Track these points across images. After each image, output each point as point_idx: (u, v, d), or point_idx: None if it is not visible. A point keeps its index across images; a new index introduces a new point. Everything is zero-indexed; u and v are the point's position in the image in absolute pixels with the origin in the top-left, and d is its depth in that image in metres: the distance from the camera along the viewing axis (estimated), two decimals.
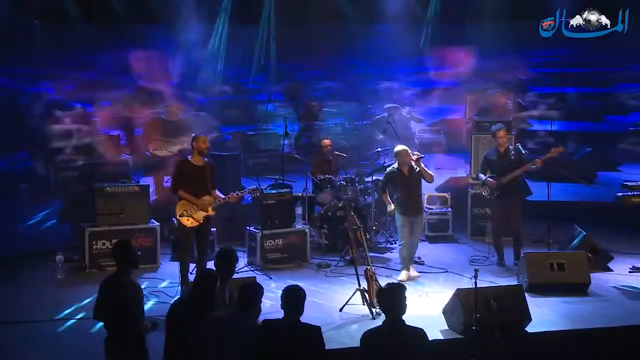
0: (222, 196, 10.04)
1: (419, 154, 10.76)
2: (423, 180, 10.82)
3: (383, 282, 9.73)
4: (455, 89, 17.37)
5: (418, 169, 10.67)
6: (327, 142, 13.07)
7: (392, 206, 10.78)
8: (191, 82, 16.32)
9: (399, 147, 10.81)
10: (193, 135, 10.34)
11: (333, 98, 18.06)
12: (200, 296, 6.57)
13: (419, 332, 6.20)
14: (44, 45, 14.28)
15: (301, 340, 6.10)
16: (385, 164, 12.54)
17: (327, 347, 6.33)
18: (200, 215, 9.89)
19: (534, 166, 11.02)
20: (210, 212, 9.96)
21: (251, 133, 16.97)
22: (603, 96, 18.86)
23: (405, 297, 6.25)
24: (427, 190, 13.29)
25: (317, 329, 6.22)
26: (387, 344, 6.07)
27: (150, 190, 12.22)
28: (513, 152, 11.24)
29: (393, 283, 6.46)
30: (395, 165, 10.83)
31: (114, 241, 10.84)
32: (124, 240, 7.35)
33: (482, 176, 11.33)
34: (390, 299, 6.23)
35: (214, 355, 6.20)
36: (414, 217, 10.76)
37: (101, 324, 6.98)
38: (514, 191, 11.19)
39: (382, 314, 8.77)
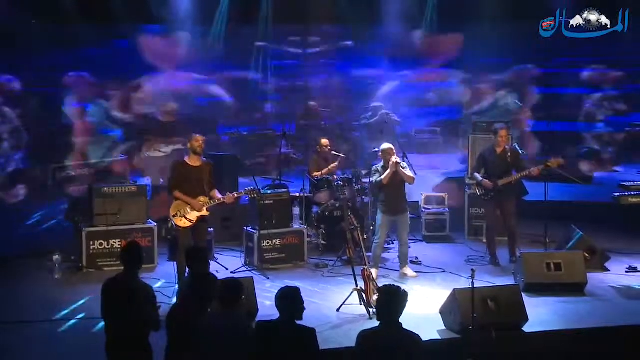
0: (220, 196, 10.04)
1: (397, 158, 10.65)
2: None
3: (380, 282, 9.86)
4: (454, 89, 17.37)
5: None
6: (325, 141, 13.05)
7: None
8: (188, 82, 16.32)
9: (385, 145, 10.80)
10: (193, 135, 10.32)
11: (331, 97, 18.04)
12: (202, 296, 6.56)
13: (414, 338, 6.11)
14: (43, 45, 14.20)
15: (294, 342, 6.07)
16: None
17: (324, 347, 6.33)
18: (194, 215, 9.88)
19: (529, 173, 11.03)
20: (205, 213, 9.95)
21: (248, 133, 16.96)
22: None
23: (405, 301, 6.15)
24: (425, 190, 13.33)
25: (311, 331, 6.18)
26: (381, 346, 6.04)
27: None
28: (510, 154, 11.22)
29: (392, 286, 6.36)
30: (381, 164, 10.82)
31: (111, 241, 11.00)
32: (135, 242, 7.30)
33: (478, 176, 11.31)
34: (385, 302, 6.16)
35: (210, 355, 6.19)
36: (396, 217, 10.77)
37: (101, 324, 6.89)
38: (508, 192, 11.21)
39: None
